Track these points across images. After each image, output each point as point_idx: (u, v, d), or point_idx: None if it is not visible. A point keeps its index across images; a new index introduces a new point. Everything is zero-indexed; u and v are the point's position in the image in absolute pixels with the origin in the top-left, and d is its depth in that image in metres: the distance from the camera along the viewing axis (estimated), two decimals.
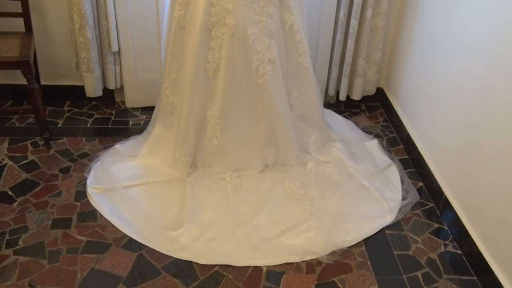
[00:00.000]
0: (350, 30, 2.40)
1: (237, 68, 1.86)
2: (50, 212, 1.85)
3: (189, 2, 1.80)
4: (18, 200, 1.91)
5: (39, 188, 1.97)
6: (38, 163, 2.12)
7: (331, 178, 2.06)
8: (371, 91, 2.66)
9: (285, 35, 1.94)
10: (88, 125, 2.42)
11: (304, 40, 1.99)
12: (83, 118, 2.47)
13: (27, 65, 1.99)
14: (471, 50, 1.78)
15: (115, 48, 2.35)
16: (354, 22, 2.37)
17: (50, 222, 1.81)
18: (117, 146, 2.18)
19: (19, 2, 2.15)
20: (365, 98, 2.70)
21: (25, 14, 2.18)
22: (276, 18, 1.87)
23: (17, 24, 2.24)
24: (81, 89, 2.49)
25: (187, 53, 1.89)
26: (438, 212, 1.96)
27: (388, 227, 1.87)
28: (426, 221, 1.92)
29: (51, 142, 2.25)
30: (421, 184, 2.13)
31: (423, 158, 2.14)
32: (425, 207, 2.00)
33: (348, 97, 2.65)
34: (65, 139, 2.29)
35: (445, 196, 1.92)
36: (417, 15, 2.28)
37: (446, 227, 1.89)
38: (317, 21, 2.43)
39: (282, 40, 1.94)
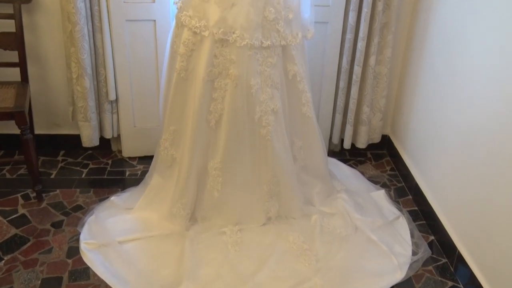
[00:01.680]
0: (354, 77, 2.48)
1: (239, 119, 1.91)
2: (40, 271, 1.84)
3: (191, 53, 1.87)
4: (5, 258, 1.89)
5: (28, 244, 1.97)
6: (29, 217, 2.13)
7: (337, 232, 2.06)
8: (377, 138, 2.71)
9: (288, 84, 2.01)
10: (83, 176, 2.44)
11: (307, 89, 2.06)
12: (78, 168, 2.50)
13: (22, 115, 2.04)
14: (475, 102, 1.84)
15: (112, 96, 2.41)
16: (357, 69, 2.45)
17: (39, 282, 1.79)
18: (113, 198, 2.19)
19: (16, 52, 2.23)
20: (371, 146, 2.75)
21: (22, 64, 2.26)
22: (279, 68, 1.95)
23: (13, 74, 2.31)
24: (76, 138, 2.54)
25: (189, 104, 1.95)
26: (452, 269, 1.96)
27: (398, 285, 1.86)
28: (439, 278, 1.91)
29: (43, 195, 2.26)
30: (432, 237, 2.13)
31: (433, 210, 2.15)
32: (438, 263, 1.99)
33: (353, 145, 2.70)
34: (58, 191, 2.31)
35: (459, 252, 1.92)
36: (421, 63, 2.37)
37: (461, 286, 1.88)
38: (320, 68, 2.52)
39: (285, 90, 2.00)
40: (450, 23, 2.09)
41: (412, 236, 2.10)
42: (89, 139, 2.45)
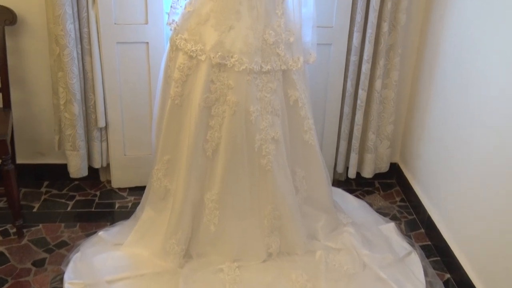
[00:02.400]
0: (358, 101, 2.52)
1: (238, 147, 1.94)
2: None
3: (187, 78, 1.91)
4: None
5: (6, 286, 1.96)
6: (8, 255, 2.12)
7: (343, 269, 2.06)
8: (384, 167, 2.74)
9: (289, 111, 2.04)
10: (68, 209, 2.45)
11: (309, 116, 2.09)
12: (63, 200, 2.51)
13: (3, 144, 2.06)
14: (491, 127, 1.87)
15: (102, 123, 2.45)
16: (362, 94, 2.50)
17: None
18: (101, 233, 2.20)
19: None
20: (379, 175, 2.77)
21: (4, 89, 2.29)
22: (279, 93, 1.99)
23: None
24: (61, 167, 2.56)
25: (184, 132, 1.98)
26: None
27: None
28: None
29: (24, 230, 2.27)
30: (448, 276, 2.13)
31: (448, 246, 2.16)
32: None
33: (359, 174, 2.72)
34: (40, 225, 2.31)
35: None
36: (431, 87, 2.41)
37: None
38: (323, 93, 2.56)
39: (286, 117, 2.04)
40: (462, 44, 2.14)
41: (425, 274, 2.10)
42: (77, 169, 2.47)
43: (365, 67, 2.44)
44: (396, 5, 2.38)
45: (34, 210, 2.43)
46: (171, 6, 1.94)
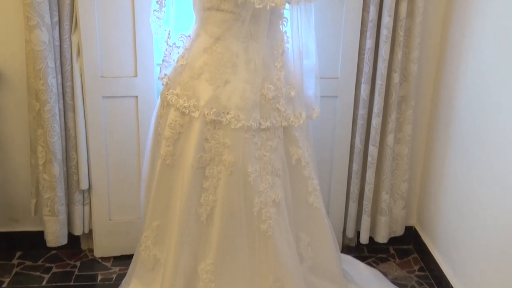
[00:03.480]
0: (369, 158, 2.58)
1: (235, 212, 1.97)
2: None
3: (179, 136, 1.98)
4: None
5: None
6: None
7: None
8: (399, 231, 2.76)
9: (291, 171, 2.09)
10: (44, 283, 2.45)
11: (313, 176, 2.14)
12: (38, 273, 2.52)
13: None
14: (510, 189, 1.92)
15: (84, 185, 2.50)
16: (373, 150, 2.56)
17: None
18: None
19: None
20: (394, 240, 2.79)
21: None
22: (280, 152, 2.04)
23: None
24: (37, 235, 2.58)
25: (176, 195, 2.02)
26: None
27: None
28: None
29: None
30: None
31: None
32: None
33: (371, 239, 2.74)
34: None
35: None
36: (449, 142, 2.47)
37: None
38: (329, 150, 2.63)
39: (288, 177, 2.08)
40: (478, 96, 2.21)
41: None
42: (56, 236, 2.49)
43: (376, 121, 2.51)
44: (407, 55, 2.48)
45: (4, 286, 2.43)
46: (163, 60, 2.02)
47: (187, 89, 1.95)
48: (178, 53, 2.00)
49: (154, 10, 1.98)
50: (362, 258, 2.70)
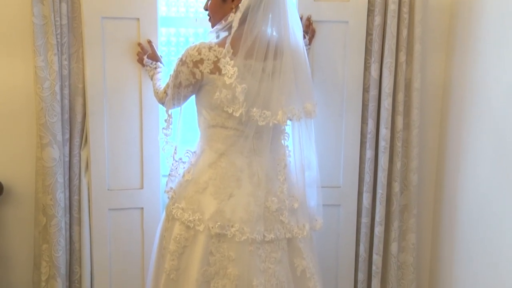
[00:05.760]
0: (374, 268, 2.59)
1: None
2: None
3: (183, 250, 2.01)
4: None
5: None
6: None
7: None
8: None
9: (296, 282, 2.09)
10: None
11: (318, 286, 2.14)
12: None
13: None
14: None
15: None
16: (377, 259, 2.57)
17: None
18: None
19: None
20: None
21: None
22: (285, 264, 2.06)
23: None
24: None
25: None
26: None
27: None
28: None
29: None
30: None
31: None
32: None
33: None
34: None
35: None
36: (454, 252, 2.47)
37: None
38: (334, 259, 2.65)
39: None
40: (481, 206, 2.26)
41: None
42: None
43: (378, 230, 2.55)
44: (406, 165, 2.56)
45: None
46: (169, 174, 2.10)
47: (192, 203, 2.01)
48: (184, 168, 2.08)
49: (163, 128, 2.08)
50: None
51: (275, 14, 1.96)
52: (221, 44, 1.93)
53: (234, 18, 1.93)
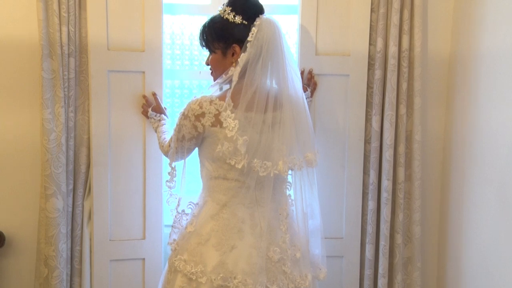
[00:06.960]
0: None
1: None
2: None
3: None
4: None
5: None
6: None
7: None
8: None
9: None
10: None
11: None
12: None
13: None
14: None
15: None
16: None
17: None
18: None
19: None
20: None
21: None
22: None
23: None
24: None
25: None
26: None
27: None
28: None
29: None
30: None
31: None
32: None
33: None
34: None
35: None
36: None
37: None
38: None
39: None
40: (487, 254, 2.25)
41: None
42: None
43: (381, 282, 2.54)
44: (409, 217, 2.57)
45: None
46: (172, 226, 2.11)
47: (195, 255, 2.01)
48: (186, 219, 2.10)
49: (166, 181, 2.11)
50: None
51: (274, 67, 2.02)
52: (222, 97, 1.99)
53: (234, 72, 1.99)
